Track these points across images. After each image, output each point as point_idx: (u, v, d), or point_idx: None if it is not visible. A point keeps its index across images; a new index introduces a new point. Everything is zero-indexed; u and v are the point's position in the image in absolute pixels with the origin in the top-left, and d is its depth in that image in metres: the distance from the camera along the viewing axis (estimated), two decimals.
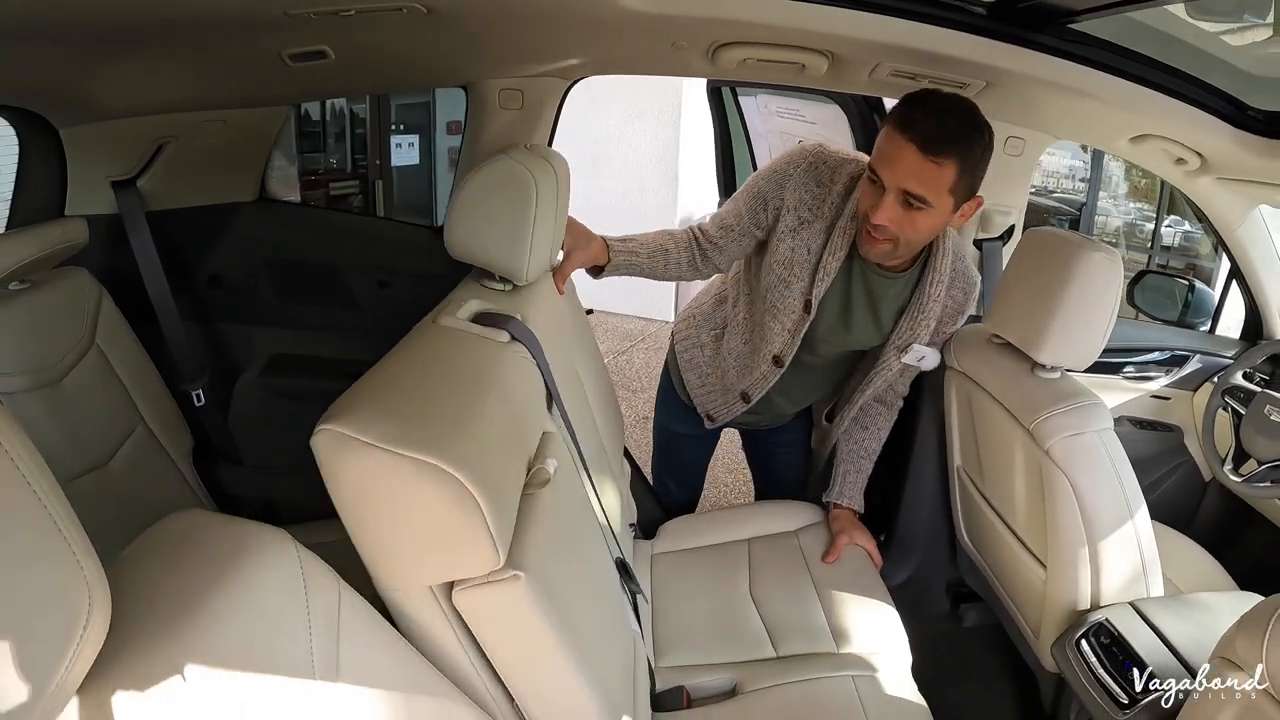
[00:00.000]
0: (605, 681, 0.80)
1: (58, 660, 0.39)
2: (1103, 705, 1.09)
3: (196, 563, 0.53)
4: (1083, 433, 1.09)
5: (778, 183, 1.21)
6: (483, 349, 0.84)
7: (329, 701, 0.57)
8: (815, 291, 1.20)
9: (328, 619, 0.59)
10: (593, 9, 1.05)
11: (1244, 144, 1.21)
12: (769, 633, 1.25)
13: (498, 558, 0.65)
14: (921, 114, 1.03)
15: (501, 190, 0.97)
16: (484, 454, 0.66)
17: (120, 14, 0.94)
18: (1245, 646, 0.76)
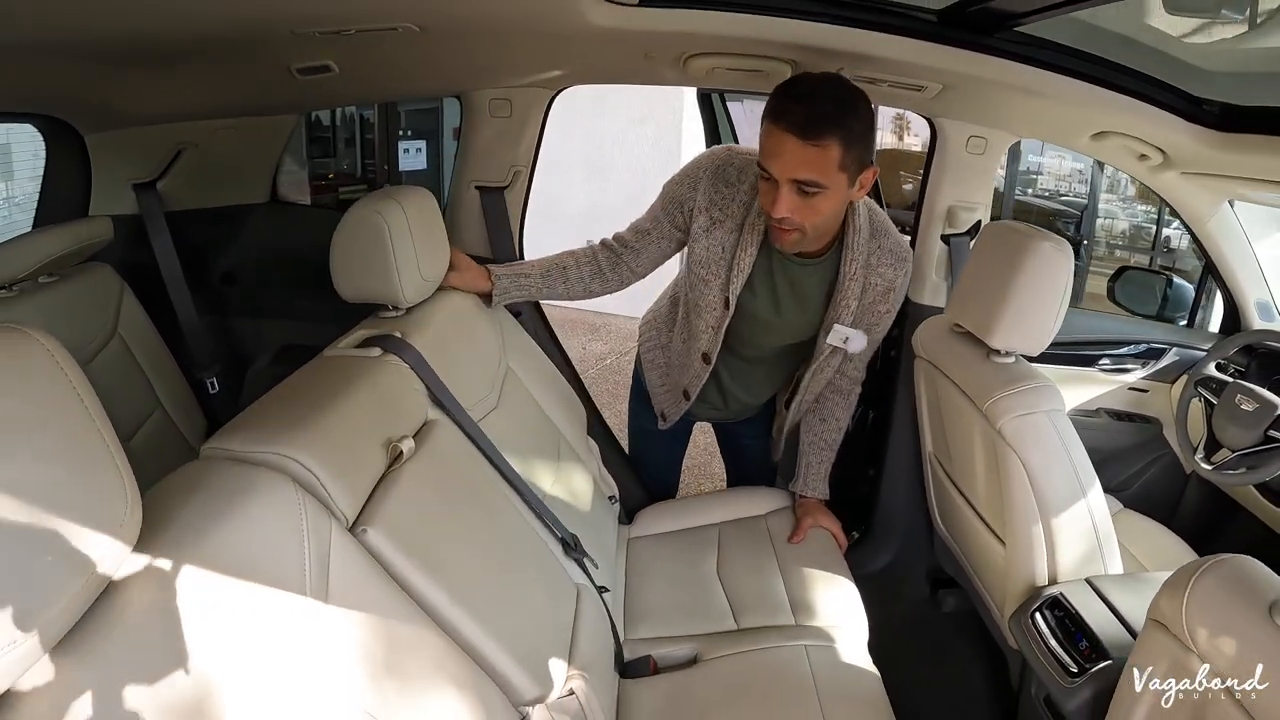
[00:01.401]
0: (511, 630, 0.89)
1: (102, 542, 0.49)
2: (1054, 675, 1.13)
3: (210, 494, 0.64)
4: (1033, 412, 1.13)
5: (689, 185, 1.24)
6: (350, 364, 0.99)
7: (318, 620, 0.66)
8: (732, 288, 1.23)
9: (320, 550, 0.68)
10: (568, 26, 1.12)
11: (1199, 138, 1.25)
12: (732, 607, 1.30)
13: (347, 518, 0.77)
14: (792, 102, 1.03)
15: (359, 233, 1.09)
16: (324, 436, 0.79)
17: (143, 30, 1.05)
18: (1168, 605, 0.80)
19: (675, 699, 1.13)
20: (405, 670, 0.73)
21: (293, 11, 1.07)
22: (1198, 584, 0.78)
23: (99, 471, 0.50)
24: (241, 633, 0.59)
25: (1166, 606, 0.81)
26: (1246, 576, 0.77)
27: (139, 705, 0.50)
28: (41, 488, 0.46)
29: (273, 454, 0.73)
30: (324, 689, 0.65)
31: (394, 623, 0.74)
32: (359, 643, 0.70)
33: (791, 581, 1.34)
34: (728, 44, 1.20)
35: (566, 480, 1.33)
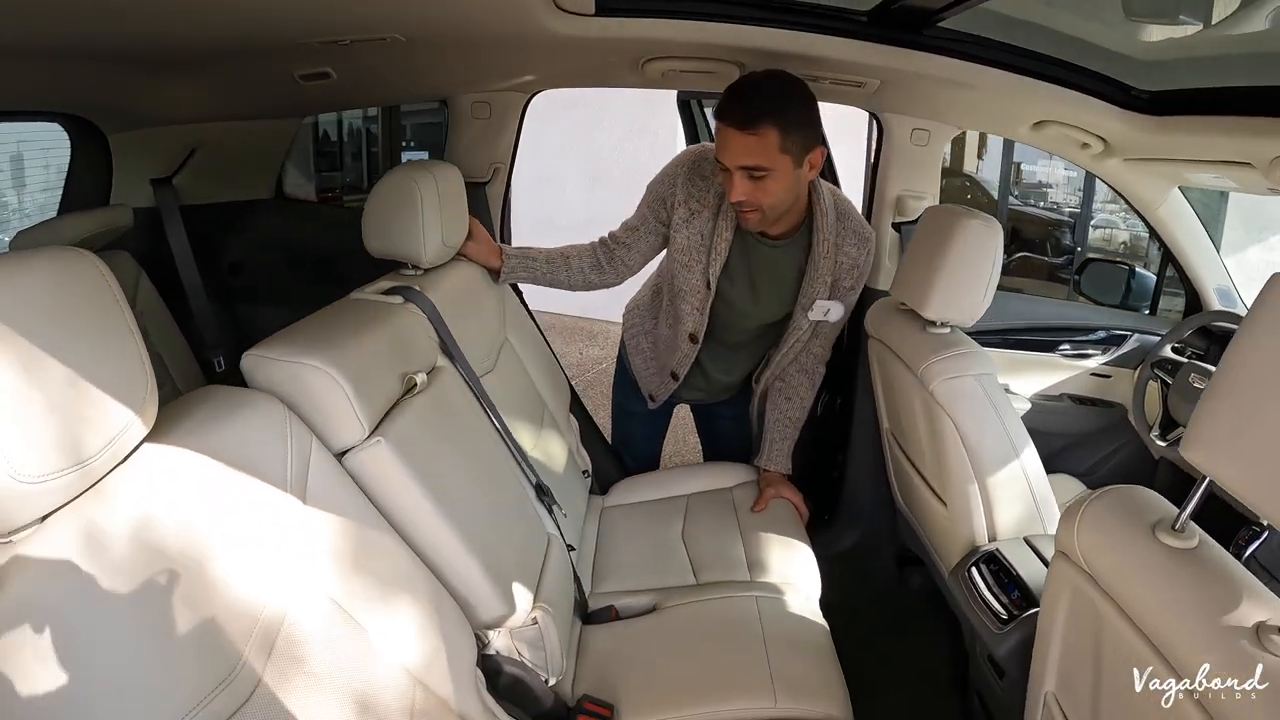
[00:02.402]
0: (491, 552, 1.00)
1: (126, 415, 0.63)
2: (986, 623, 1.21)
3: (210, 408, 0.78)
4: (961, 376, 1.22)
5: (669, 182, 1.38)
6: (377, 306, 1.12)
7: (297, 515, 0.79)
8: (712, 270, 1.35)
9: (301, 457, 0.82)
10: (532, 34, 1.26)
11: (1134, 124, 1.34)
12: (692, 565, 1.41)
13: (363, 429, 0.89)
14: (730, 100, 1.18)
15: (394, 195, 1.23)
16: (354, 359, 0.91)
17: (164, 38, 1.21)
18: (1064, 533, 0.85)
19: (631, 640, 1.23)
20: (370, 571, 0.84)
21: (295, 22, 1.22)
22: (1088, 510, 0.83)
23: (129, 363, 0.65)
24: (231, 510, 0.73)
25: (1063, 534, 0.86)
26: (1132, 501, 0.82)
27: (137, 556, 0.63)
28: (86, 366, 0.60)
29: (305, 365, 0.87)
30: (295, 573, 0.77)
31: (366, 529, 0.87)
32: (330, 542, 0.82)
33: (750, 544, 1.44)
34: (680, 48, 1.34)
35: (545, 445, 1.45)
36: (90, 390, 0.60)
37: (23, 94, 1.30)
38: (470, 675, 0.92)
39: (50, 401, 0.56)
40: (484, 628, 1.02)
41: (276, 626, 0.73)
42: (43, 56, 1.18)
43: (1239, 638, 0.64)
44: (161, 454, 0.69)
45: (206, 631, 0.66)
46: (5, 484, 0.53)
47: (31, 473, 0.54)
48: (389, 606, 0.85)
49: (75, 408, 0.59)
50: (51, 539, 0.58)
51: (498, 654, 1.05)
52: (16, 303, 0.56)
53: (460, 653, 0.91)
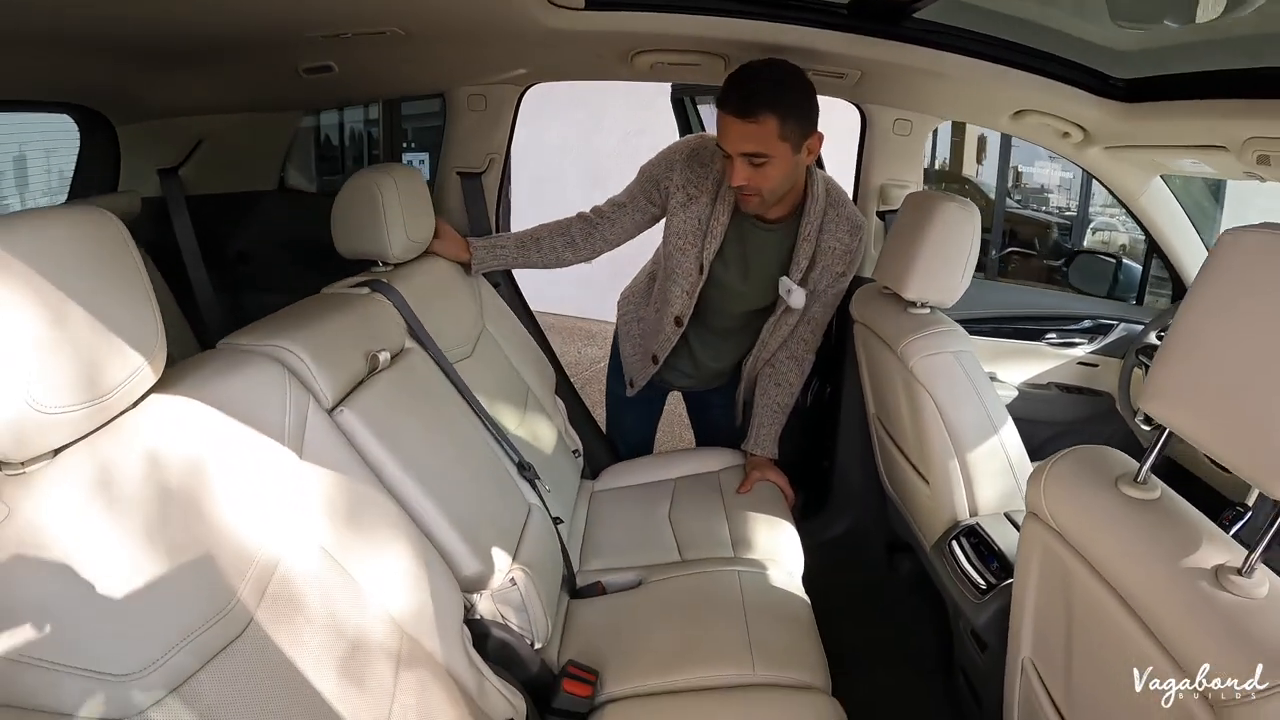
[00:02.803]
0: (462, 513, 1.05)
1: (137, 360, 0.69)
2: (965, 594, 1.24)
3: (217, 365, 0.84)
4: (939, 352, 1.26)
5: (666, 166, 1.44)
6: (344, 297, 1.20)
7: (293, 468, 0.85)
8: (707, 253, 1.40)
9: (299, 413, 0.88)
10: (523, 28, 1.32)
11: (1112, 111, 1.39)
12: (678, 543, 1.45)
13: (329, 399, 0.96)
14: (731, 89, 1.23)
15: (357, 197, 1.31)
16: (316, 339, 0.99)
17: (173, 31, 1.27)
18: (1032, 493, 0.87)
19: (617, 613, 1.27)
20: (361, 524, 0.89)
21: (299, 16, 1.28)
22: (1053, 468, 0.85)
23: (142, 314, 0.70)
24: (233, 457, 0.78)
25: (1031, 494, 0.88)
26: (1096, 458, 0.84)
27: (143, 492, 0.69)
28: (104, 312, 0.65)
29: (270, 346, 0.93)
30: (290, 521, 0.82)
31: (358, 486, 0.92)
32: (323, 495, 0.87)
33: (735, 523, 1.48)
34: (666, 41, 1.40)
35: (531, 426, 1.49)
36: (106, 335, 0.66)
37: (37, 85, 1.37)
38: (457, 631, 0.96)
39: (69, 341, 0.62)
40: (466, 589, 1.05)
41: (271, 569, 0.77)
42: (57, 49, 1.24)
43: (1198, 579, 0.66)
44: (170, 402, 0.75)
45: (204, 567, 0.71)
46: (23, 411, 0.57)
47: (48, 403, 0.59)
48: (378, 559, 0.89)
49: (91, 349, 0.64)
50: (63, 471, 0.63)
51: (483, 618, 1.09)
52: (45, 251, 0.61)
53: (447, 608, 0.95)
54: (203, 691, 0.65)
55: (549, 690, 1.10)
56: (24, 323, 0.58)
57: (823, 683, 1.15)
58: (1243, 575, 0.65)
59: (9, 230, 0.59)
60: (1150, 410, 0.74)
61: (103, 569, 0.63)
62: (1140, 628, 0.71)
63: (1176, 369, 0.71)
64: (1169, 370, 0.72)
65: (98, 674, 0.58)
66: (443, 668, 0.92)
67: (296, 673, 0.74)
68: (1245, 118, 1.19)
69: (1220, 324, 0.67)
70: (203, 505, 0.73)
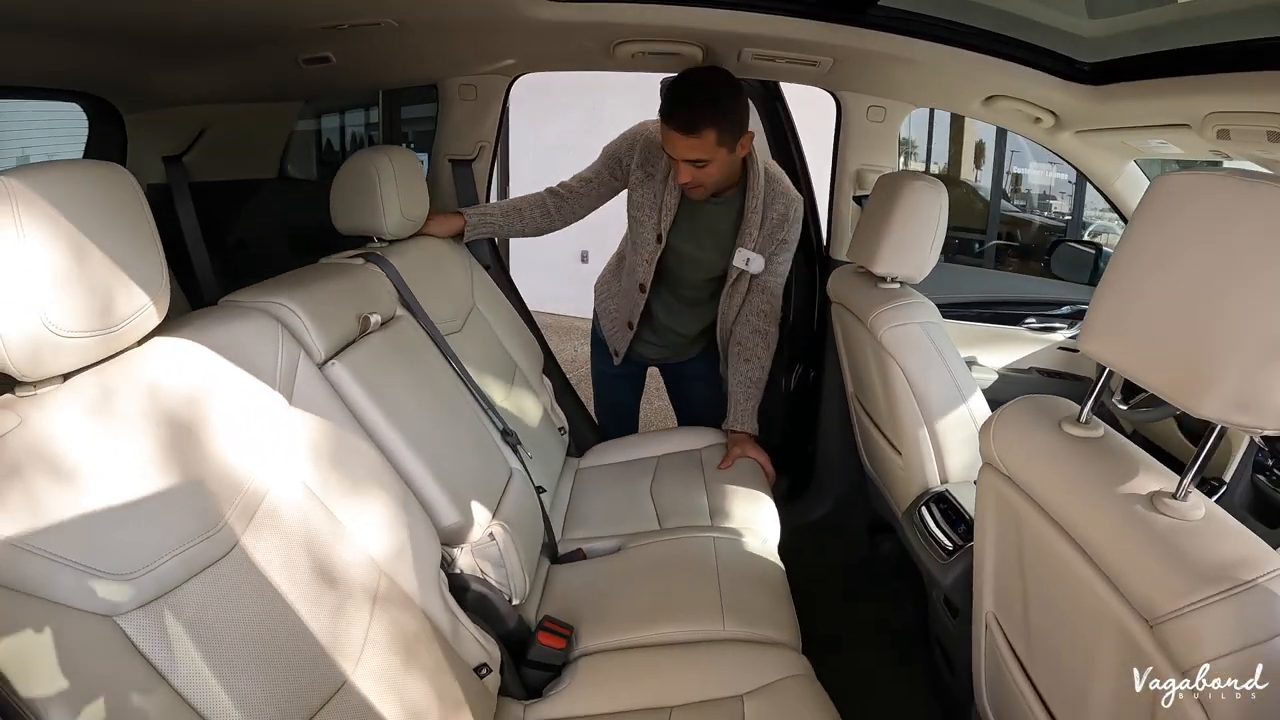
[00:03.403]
0: (444, 466, 1.11)
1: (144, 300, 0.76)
2: (933, 555, 1.28)
3: (215, 316, 0.92)
4: (907, 323, 1.32)
5: (628, 146, 1.61)
6: (340, 266, 1.28)
7: (281, 411, 0.92)
8: (663, 225, 1.57)
9: (290, 364, 0.95)
10: (509, 19, 1.41)
11: (1080, 95, 1.44)
12: (657, 514, 1.51)
13: (321, 353, 1.03)
14: (674, 105, 1.40)
15: (355, 176, 1.39)
16: (311, 298, 1.07)
17: (179, 21, 1.35)
18: (984, 442, 0.90)
19: (595, 575, 1.33)
20: (344, 468, 0.96)
21: (299, 8, 1.37)
22: (1001, 416, 0.88)
23: (149, 258, 0.78)
24: (228, 394, 0.86)
25: (983, 443, 0.90)
26: (1042, 404, 0.87)
27: (144, 417, 0.76)
28: (115, 253, 0.73)
29: (268, 302, 1.01)
30: (277, 460, 0.89)
31: (343, 433, 0.99)
32: (309, 439, 0.94)
33: (714, 495, 1.53)
34: (645, 32, 1.48)
35: (517, 400, 1.56)
36: (117, 272, 0.73)
37: (52, 74, 1.45)
38: (433, 575, 1.02)
39: (83, 274, 0.69)
40: (446, 542, 1.11)
41: (258, 500, 0.84)
42: (73, 38, 1.33)
43: (1134, 504, 0.68)
44: (171, 343, 0.83)
45: (195, 490, 0.77)
46: (39, 331, 0.65)
47: (62, 326, 0.67)
48: (359, 501, 0.95)
49: (103, 284, 0.71)
50: (72, 394, 0.71)
51: (462, 572, 1.14)
52: (68, 195, 0.69)
53: (424, 553, 1.01)
54: (188, 600, 0.71)
55: (525, 645, 1.15)
56: (45, 254, 0.66)
57: (792, 640, 1.19)
58: (1177, 499, 0.67)
59: (38, 175, 0.67)
60: (1086, 349, 0.77)
61: (103, 480, 0.69)
62: (1082, 557, 0.73)
63: (1109, 308, 0.74)
64: (1103, 310, 0.75)
65: (91, 570, 0.64)
66: (418, 608, 0.98)
67: (277, 594, 0.80)
68: (1204, 93, 1.23)
69: (1149, 262, 0.71)
70: (197, 435, 0.80)
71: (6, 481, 0.62)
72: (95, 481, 0.68)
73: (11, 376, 0.68)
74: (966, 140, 4.79)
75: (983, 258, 3.99)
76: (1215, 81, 1.19)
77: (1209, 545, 0.64)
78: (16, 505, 0.62)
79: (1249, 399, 0.60)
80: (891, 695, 1.50)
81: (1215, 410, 0.62)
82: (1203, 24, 1.32)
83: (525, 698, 1.11)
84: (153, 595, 0.69)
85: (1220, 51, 1.19)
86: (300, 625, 0.81)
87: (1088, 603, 0.72)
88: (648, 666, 1.13)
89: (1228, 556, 0.62)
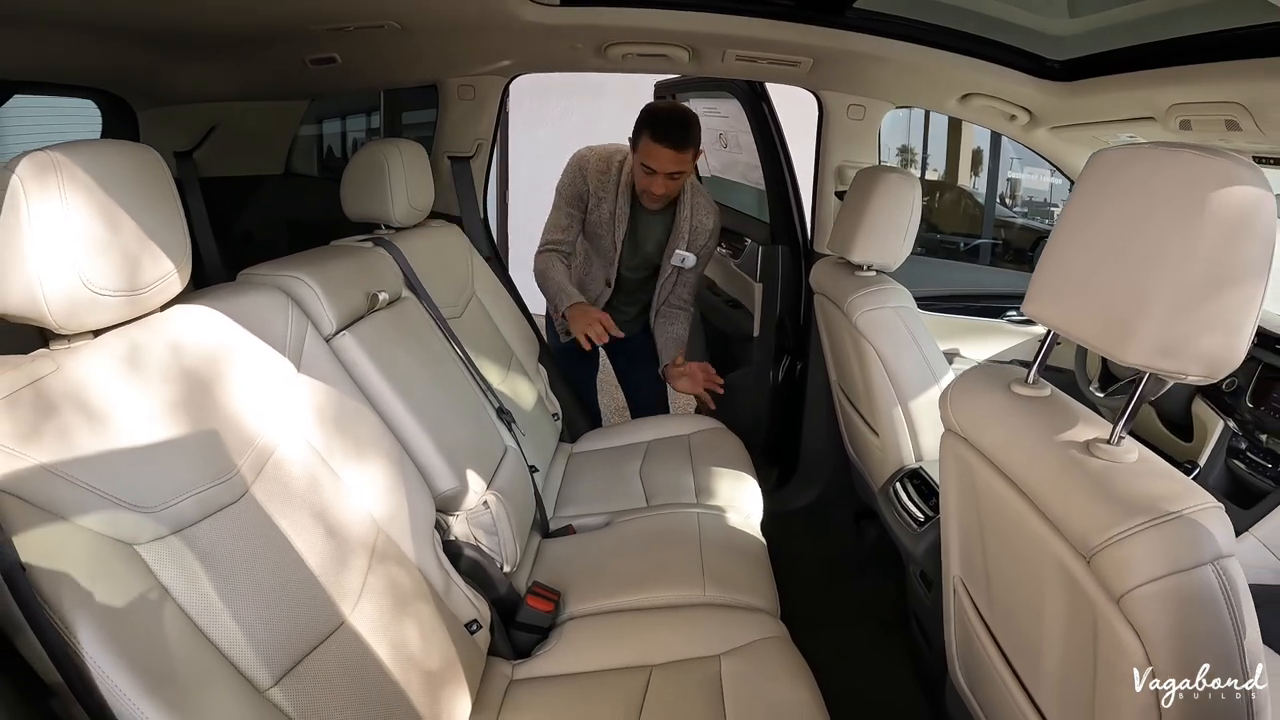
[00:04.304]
0: (443, 435, 1.19)
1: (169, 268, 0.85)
2: (906, 527, 1.35)
3: (231, 290, 1.01)
4: (881, 308, 1.40)
5: (581, 178, 1.85)
6: (350, 248, 1.39)
7: (290, 377, 1.00)
8: (618, 235, 1.87)
9: (298, 334, 1.04)
10: (505, 22, 1.50)
11: (1049, 91, 1.52)
12: (645, 492, 1.58)
13: (332, 324, 1.13)
14: (669, 129, 1.68)
15: (366, 165, 1.49)
16: (324, 273, 1.16)
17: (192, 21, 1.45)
18: (943, 409, 0.95)
19: (583, 547, 1.40)
20: (347, 432, 1.04)
21: (307, 9, 1.46)
22: (957, 382, 0.95)
23: (174, 231, 0.86)
24: (242, 357, 0.94)
25: (942, 409, 0.95)
26: (995, 371, 0.92)
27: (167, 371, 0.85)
28: (145, 223, 0.81)
29: (282, 277, 1.11)
30: (285, 421, 0.97)
31: (347, 400, 1.07)
32: (315, 404, 1.02)
33: (700, 476, 1.61)
34: (635, 34, 1.57)
35: (513, 384, 1.64)
36: (146, 241, 0.81)
37: (69, 70, 1.55)
38: (428, 535, 1.09)
39: (116, 240, 0.78)
40: (442, 508, 1.18)
41: (267, 454, 0.92)
42: (87, 34, 1.42)
43: (1071, 449, 0.72)
44: (192, 309, 0.92)
45: (211, 439, 0.85)
46: (76, 287, 0.73)
47: (97, 284, 0.75)
48: (360, 463, 1.03)
49: (134, 249, 0.80)
50: (102, 348, 0.79)
51: (457, 539, 1.22)
52: (104, 169, 0.77)
53: (421, 514, 1.09)
54: (201, 537, 0.79)
55: (514, 609, 1.22)
56: (84, 220, 0.74)
57: (770, 607, 1.26)
58: (1111, 444, 0.71)
59: (80, 151, 0.76)
60: (1029, 311, 0.82)
61: (129, 424, 0.77)
62: (1027, 504, 0.77)
63: (1048, 273, 0.80)
64: (1042, 275, 0.80)
65: (117, 500, 0.72)
66: (413, 565, 1.05)
67: (282, 539, 0.88)
68: (1167, 85, 1.30)
69: (1082, 229, 0.76)
70: (214, 391, 0.88)
71: (44, 418, 0.70)
72: (122, 424, 0.76)
73: (46, 334, 0.77)
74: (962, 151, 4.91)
75: (977, 255, 4.10)
76: (1176, 74, 1.25)
77: (1139, 482, 0.67)
78: (52, 439, 0.69)
79: (1169, 345, 0.65)
80: (871, 673, 1.55)
81: (1139, 357, 0.66)
82: (1172, 18, 1.39)
83: (514, 658, 1.18)
84: (170, 529, 0.76)
85: (1181, 45, 1.24)
86: (303, 568, 0.88)
87: (1034, 548, 0.77)
88: (630, 629, 1.19)
89: (1156, 491, 0.66)
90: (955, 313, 2.00)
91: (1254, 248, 0.63)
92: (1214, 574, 0.61)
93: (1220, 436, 1.54)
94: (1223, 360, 0.66)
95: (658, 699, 1.06)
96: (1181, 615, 0.61)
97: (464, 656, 1.04)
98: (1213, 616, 0.61)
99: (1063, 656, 0.76)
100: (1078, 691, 0.73)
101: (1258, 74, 1.12)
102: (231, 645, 0.77)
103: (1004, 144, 4.33)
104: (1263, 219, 0.63)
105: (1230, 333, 0.65)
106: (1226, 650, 0.61)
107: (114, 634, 0.66)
